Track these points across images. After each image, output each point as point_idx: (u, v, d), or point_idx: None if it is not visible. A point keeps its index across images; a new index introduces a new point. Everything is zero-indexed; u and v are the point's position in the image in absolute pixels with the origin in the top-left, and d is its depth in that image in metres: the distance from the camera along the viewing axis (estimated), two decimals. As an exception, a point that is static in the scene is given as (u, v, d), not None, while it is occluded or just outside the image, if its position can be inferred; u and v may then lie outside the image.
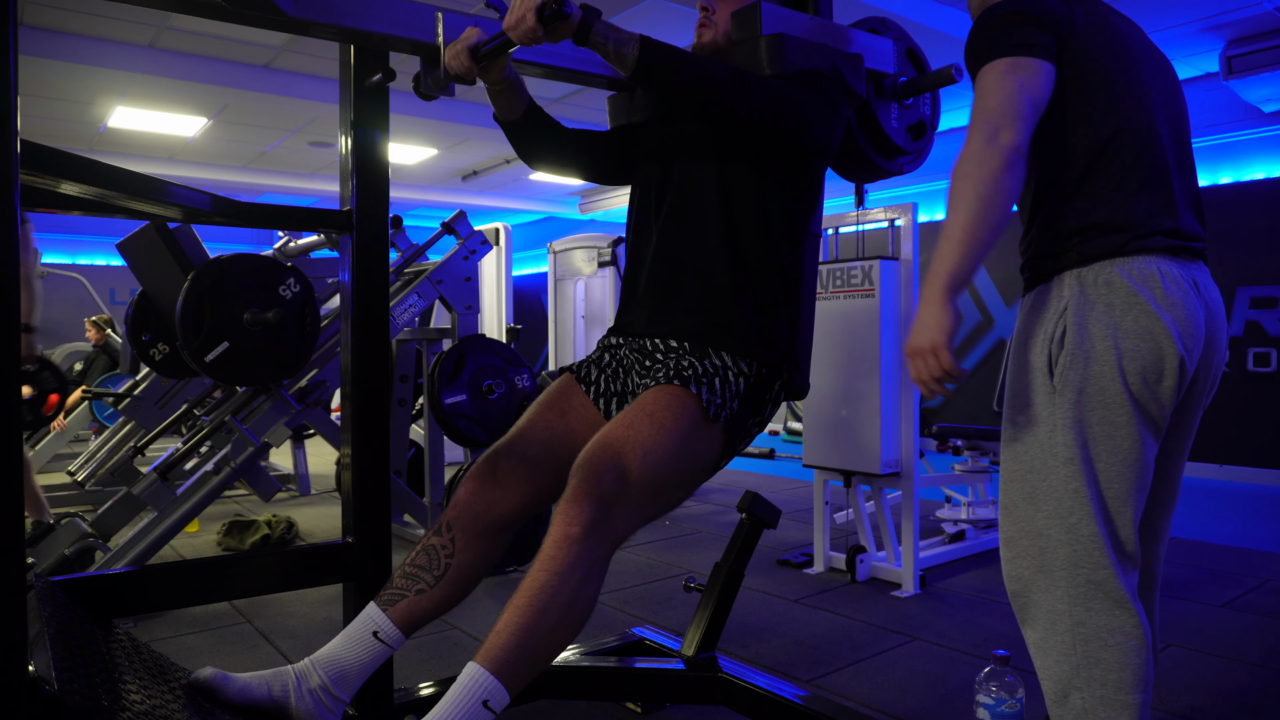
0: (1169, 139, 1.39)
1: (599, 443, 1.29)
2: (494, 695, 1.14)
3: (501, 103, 1.54)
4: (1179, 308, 1.29)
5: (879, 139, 1.78)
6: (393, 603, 1.37)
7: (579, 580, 1.20)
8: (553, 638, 1.19)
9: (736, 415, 1.43)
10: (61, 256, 10.36)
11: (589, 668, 1.91)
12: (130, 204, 1.40)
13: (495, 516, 1.44)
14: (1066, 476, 1.31)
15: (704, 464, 1.41)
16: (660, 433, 1.31)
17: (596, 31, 1.30)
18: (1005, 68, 1.30)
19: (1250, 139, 5.90)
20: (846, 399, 3.13)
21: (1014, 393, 1.40)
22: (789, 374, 1.52)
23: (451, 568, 1.40)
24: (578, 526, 1.20)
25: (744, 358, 1.45)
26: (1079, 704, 1.29)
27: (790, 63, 1.49)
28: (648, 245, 1.56)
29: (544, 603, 1.18)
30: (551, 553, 1.20)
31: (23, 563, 0.89)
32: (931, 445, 3.97)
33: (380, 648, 1.36)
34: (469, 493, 1.44)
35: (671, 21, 5.20)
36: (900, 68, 1.81)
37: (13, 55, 0.88)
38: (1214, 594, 2.98)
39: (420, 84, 1.48)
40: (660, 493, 1.33)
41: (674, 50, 1.36)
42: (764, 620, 2.73)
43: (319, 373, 3.26)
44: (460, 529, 1.42)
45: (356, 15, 1.41)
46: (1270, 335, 5.42)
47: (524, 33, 1.27)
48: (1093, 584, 1.29)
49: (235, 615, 2.76)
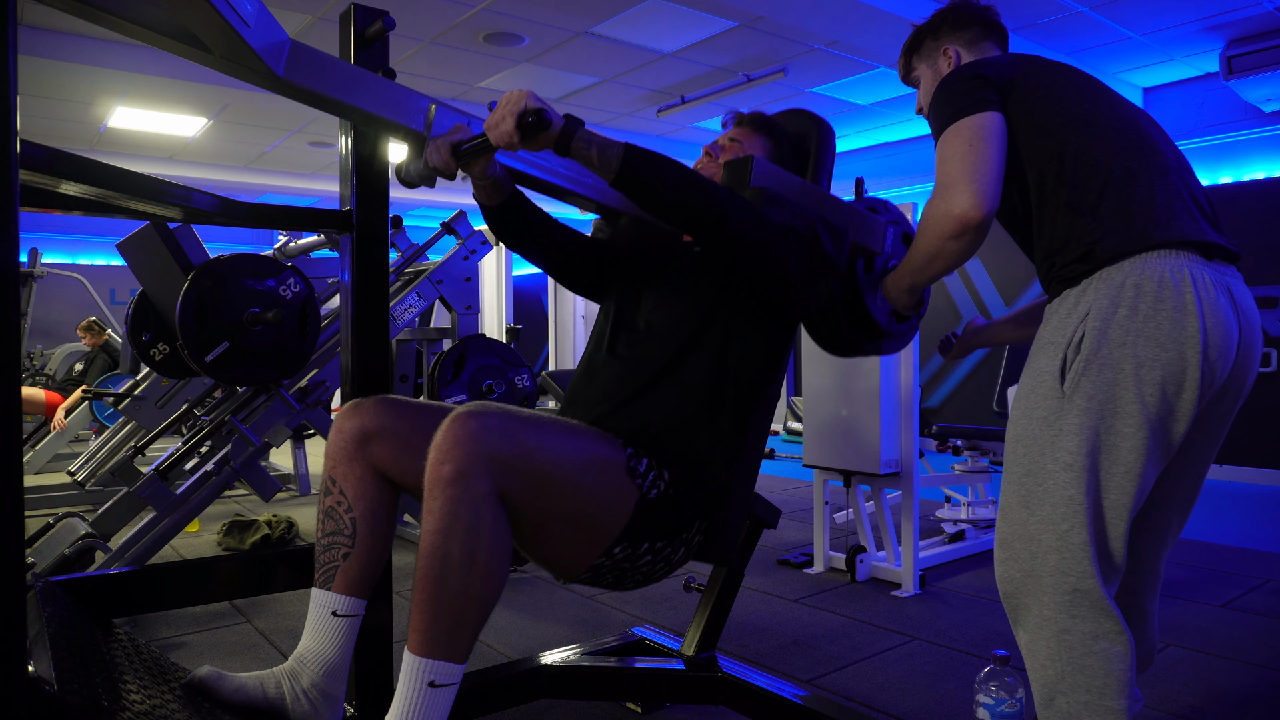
0: (1169, 151, 1.42)
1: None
2: (436, 673, 1.12)
3: (481, 194, 1.53)
4: (1209, 316, 1.26)
5: (862, 318, 1.71)
6: (330, 578, 1.36)
7: (465, 530, 1.11)
8: (465, 596, 1.12)
9: (653, 506, 1.33)
10: (61, 256, 10.37)
11: (589, 667, 1.91)
12: (130, 204, 1.40)
13: (366, 459, 1.36)
14: (1065, 483, 1.30)
15: (601, 517, 1.29)
16: (567, 432, 1.27)
17: (579, 140, 1.29)
18: (958, 129, 1.40)
19: (1250, 139, 5.90)
20: (846, 399, 3.13)
21: (1021, 396, 1.39)
22: (712, 527, 1.45)
23: (356, 520, 1.35)
24: (448, 465, 1.12)
25: (668, 469, 1.37)
26: (1064, 708, 1.30)
27: (772, 216, 1.48)
28: (601, 365, 1.54)
29: (438, 568, 1.11)
30: (428, 505, 1.13)
31: (23, 563, 0.89)
32: (931, 445, 3.97)
33: (346, 623, 1.34)
34: (334, 433, 1.38)
35: (672, 21, 5.21)
36: (894, 250, 1.77)
37: (13, 55, 0.88)
38: (1214, 594, 2.98)
39: (402, 172, 1.44)
40: (543, 485, 1.21)
41: (659, 155, 1.35)
42: (764, 620, 2.73)
43: (319, 373, 3.26)
44: (341, 479, 1.37)
45: (348, 91, 1.33)
46: (1270, 335, 5.42)
47: (500, 136, 1.25)
48: (1079, 592, 1.28)
49: (235, 615, 2.76)
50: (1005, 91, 1.43)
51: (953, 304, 7.38)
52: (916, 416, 3.06)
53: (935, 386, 7.48)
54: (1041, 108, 1.42)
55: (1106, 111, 1.42)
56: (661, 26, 5.27)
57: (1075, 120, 1.40)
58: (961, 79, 1.45)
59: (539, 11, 5.05)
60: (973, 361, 7.21)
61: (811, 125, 1.75)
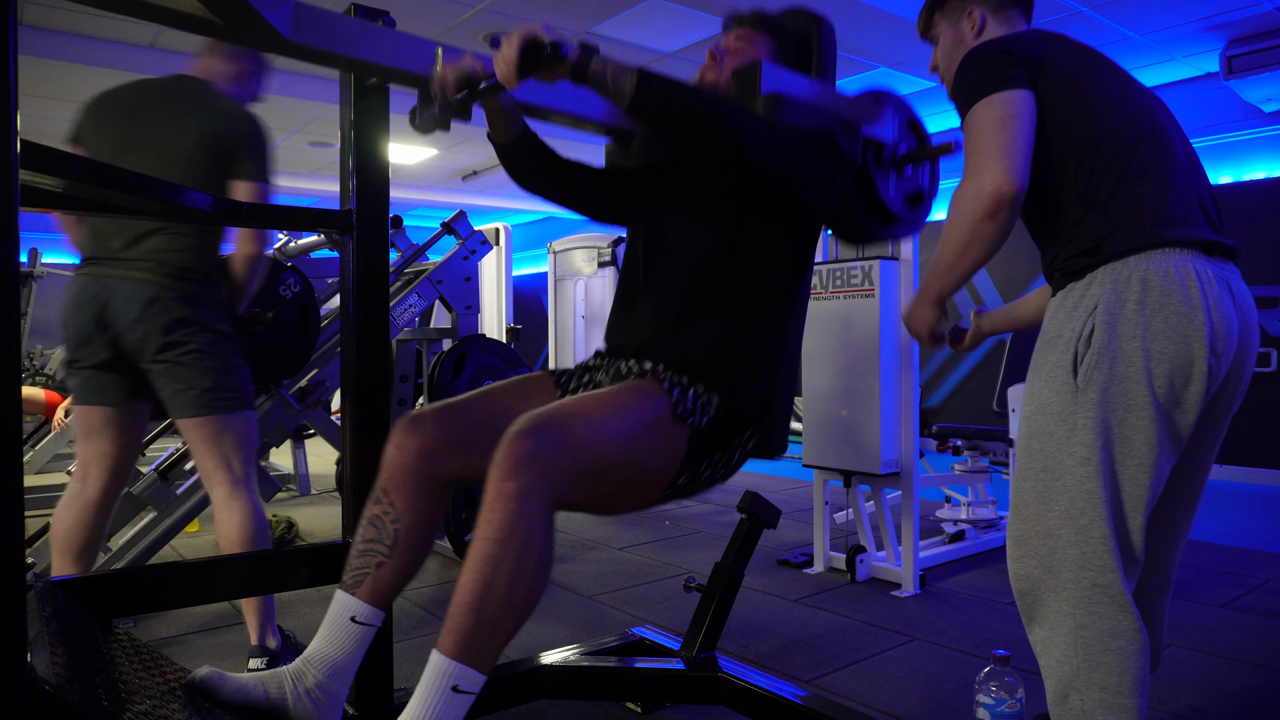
0: (1180, 144, 1.41)
1: (543, 408, 1.26)
2: (462, 678, 1.12)
3: (497, 124, 1.53)
4: (1213, 310, 1.28)
5: (876, 206, 1.78)
6: (358, 583, 1.36)
7: (521, 542, 1.14)
8: (507, 607, 1.14)
9: (704, 434, 1.39)
10: (62, 256, 10.36)
11: (589, 667, 1.91)
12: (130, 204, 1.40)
13: (427, 473, 1.38)
14: (1082, 477, 1.30)
15: (659, 467, 1.36)
16: (614, 412, 1.29)
17: (594, 70, 1.29)
18: (988, 105, 1.36)
19: (1250, 139, 5.90)
20: (846, 399, 3.13)
21: (1033, 392, 1.39)
22: (762, 431, 1.50)
23: (401, 532, 1.37)
24: (510, 482, 1.15)
25: (716, 392, 1.43)
26: (1078, 705, 1.30)
27: (786, 123, 1.48)
28: (636, 290, 1.57)
29: (489, 574, 1.14)
30: (487, 516, 1.16)
31: (23, 563, 0.89)
32: (931, 445, 3.97)
33: (362, 630, 1.34)
34: (393, 449, 1.39)
35: (671, 22, 5.20)
36: (900, 137, 1.81)
37: (13, 55, 0.88)
38: (1214, 594, 2.98)
39: (416, 118, 1.44)
40: (602, 472, 1.26)
41: (672, 79, 1.34)
42: (764, 620, 2.73)
43: (319, 373, 3.26)
44: (395, 490, 1.38)
45: (356, 45, 1.36)
46: (1270, 335, 5.42)
47: (508, 75, 1.24)
48: (1099, 587, 1.29)
49: (235, 615, 2.76)
50: (1034, 71, 1.40)
51: (953, 304, 7.35)
52: (916, 416, 3.06)
53: (935, 386, 7.48)
54: (1068, 94, 1.40)
55: (1127, 106, 1.41)
56: (661, 26, 5.27)
57: (1098, 112, 1.39)
58: (989, 55, 1.42)
59: (539, 12, 5.05)
60: (973, 361, 7.21)
61: (812, 22, 1.74)
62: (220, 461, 2.14)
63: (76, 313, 2.10)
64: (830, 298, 3.19)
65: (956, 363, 7.35)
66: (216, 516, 2.16)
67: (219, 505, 2.15)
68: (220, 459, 2.14)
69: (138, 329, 2.06)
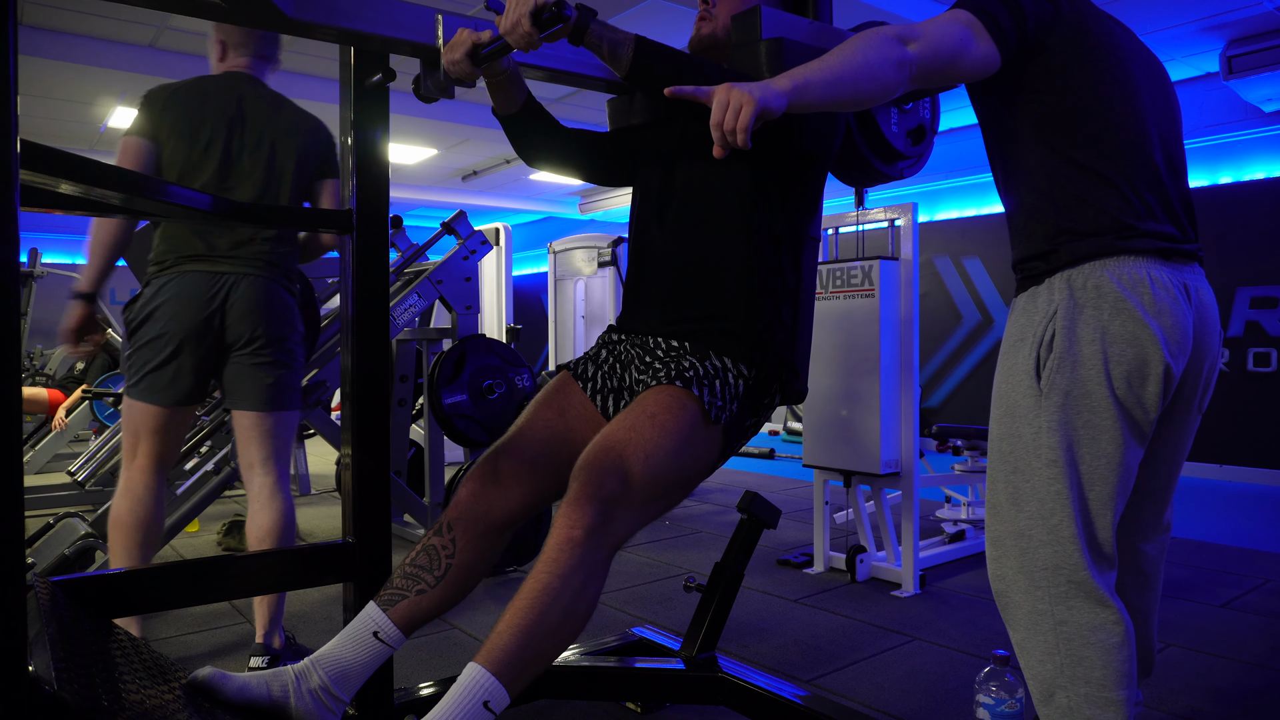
0: (1158, 140, 1.40)
1: (600, 445, 1.30)
2: (494, 696, 1.14)
3: (500, 96, 1.54)
4: (1166, 314, 1.30)
5: (879, 144, 1.79)
6: (393, 603, 1.38)
7: (580, 582, 1.21)
8: (554, 639, 1.20)
9: (735, 417, 1.44)
10: (61, 256, 10.36)
11: (589, 667, 1.91)
12: (130, 204, 1.40)
13: (496, 517, 1.44)
14: (1049, 478, 1.32)
15: (704, 465, 1.42)
16: (662, 435, 1.32)
17: (592, 32, 1.31)
18: (963, 20, 1.33)
19: (1250, 139, 5.90)
20: (846, 399, 3.13)
21: (1001, 394, 1.41)
22: (787, 378, 1.52)
23: (452, 568, 1.40)
24: (580, 529, 1.21)
25: (744, 361, 1.45)
26: (1064, 702, 1.30)
27: (789, 67, 1.49)
28: (650, 248, 1.58)
29: (546, 604, 1.19)
30: (554, 555, 1.21)
31: (23, 563, 0.89)
32: (931, 445, 3.97)
33: (380, 648, 1.36)
34: (470, 493, 1.44)
35: (671, 21, 5.20)
36: None
37: (13, 55, 0.88)
38: (1214, 594, 2.98)
39: (420, 86, 1.48)
40: (661, 494, 1.34)
41: (669, 50, 1.36)
42: (764, 620, 2.73)
43: (319, 373, 3.25)
44: (461, 529, 1.42)
45: (357, 17, 1.40)
46: (1270, 335, 5.41)
47: (519, 38, 1.27)
48: (1073, 584, 1.30)
49: (235, 615, 2.76)
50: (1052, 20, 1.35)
51: (953, 304, 7.38)
52: (916, 416, 3.06)
53: (935, 386, 7.48)
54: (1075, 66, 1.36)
55: (1120, 105, 1.38)
56: (661, 26, 5.27)
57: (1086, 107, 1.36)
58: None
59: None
60: (973, 361, 7.21)
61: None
62: (272, 454, 2.20)
63: (185, 308, 2.10)
64: (830, 298, 3.19)
65: (956, 363, 7.36)
66: (255, 509, 2.17)
67: (262, 498, 2.17)
68: (273, 452, 2.20)
69: (247, 320, 2.12)
